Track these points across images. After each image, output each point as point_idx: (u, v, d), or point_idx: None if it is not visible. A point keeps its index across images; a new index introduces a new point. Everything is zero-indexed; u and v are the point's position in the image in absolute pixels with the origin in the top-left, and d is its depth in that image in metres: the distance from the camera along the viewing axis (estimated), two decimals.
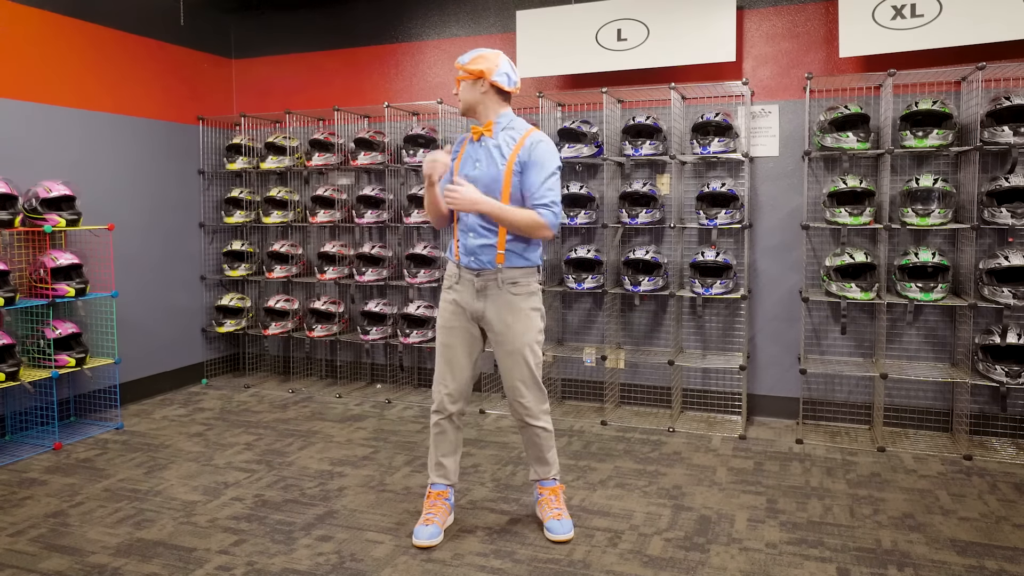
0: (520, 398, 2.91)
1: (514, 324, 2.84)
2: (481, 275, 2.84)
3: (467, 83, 2.86)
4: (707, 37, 4.41)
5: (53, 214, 4.12)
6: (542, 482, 3.05)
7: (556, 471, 3.05)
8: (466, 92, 2.86)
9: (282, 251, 5.38)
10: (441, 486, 3.00)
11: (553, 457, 3.02)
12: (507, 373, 2.90)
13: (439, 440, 2.98)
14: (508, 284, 2.83)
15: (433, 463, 3.01)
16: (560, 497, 3.03)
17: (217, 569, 2.72)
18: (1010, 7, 3.78)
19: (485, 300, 2.85)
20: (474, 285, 2.85)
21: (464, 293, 2.88)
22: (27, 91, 4.36)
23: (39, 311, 4.22)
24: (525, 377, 2.88)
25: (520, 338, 2.85)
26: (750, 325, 4.61)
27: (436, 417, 2.97)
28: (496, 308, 2.84)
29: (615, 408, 4.82)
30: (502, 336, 2.86)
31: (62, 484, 3.56)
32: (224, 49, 5.82)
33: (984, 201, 3.88)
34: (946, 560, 2.75)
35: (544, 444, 2.98)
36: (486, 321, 2.87)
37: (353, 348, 5.53)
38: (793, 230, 4.47)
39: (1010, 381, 3.72)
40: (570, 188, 4.66)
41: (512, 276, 2.84)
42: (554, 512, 2.97)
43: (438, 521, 2.93)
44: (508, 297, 2.83)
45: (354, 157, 5.13)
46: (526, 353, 2.86)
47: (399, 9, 5.34)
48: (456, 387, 2.92)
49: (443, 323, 2.94)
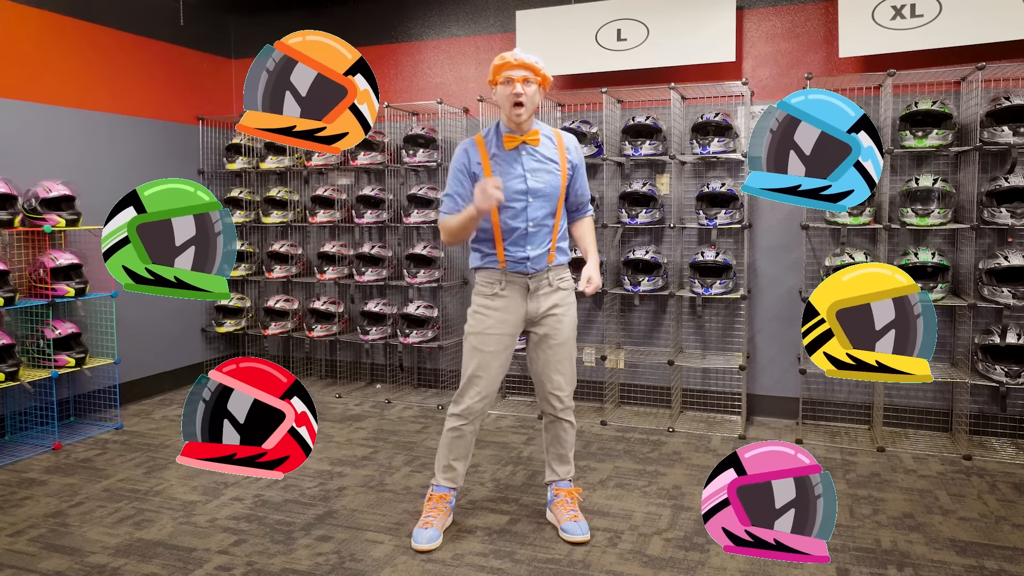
0: (558, 390, 2.91)
1: (563, 316, 2.87)
2: (534, 277, 2.82)
3: (536, 88, 2.71)
4: (707, 37, 4.41)
5: (53, 214, 4.12)
6: (559, 483, 3.04)
7: (573, 472, 3.06)
8: (536, 98, 2.72)
9: (282, 251, 5.38)
10: (445, 489, 2.97)
11: (572, 456, 3.04)
12: (551, 368, 2.89)
13: (455, 444, 2.92)
14: (557, 280, 2.87)
15: (443, 465, 2.95)
16: (576, 500, 3.04)
17: (217, 569, 2.72)
18: (1010, 7, 3.78)
19: (537, 300, 2.84)
20: (528, 287, 2.82)
21: (514, 297, 2.83)
22: (27, 91, 4.36)
23: (39, 311, 4.22)
24: (567, 369, 2.91)
25: (569, 329, 2.89)
26: (750, 325, 4.61)
27: (458, 422, 2.90)
28: (549, 304, 2.85)
29: (615, 408, 4.82)
30: (553, 330, 2.85)
31: (62, 484, 3.56)
32: (224, 49, 5.82)
33: (984, 201, 3.88)
34: (946, 560, 2.75)
35: (569, 441, 3.00)
36: (538, 320, 2.86)
37: (353, 348, 5.53)
38: (793, 230, 4.47)
39: (1010, 381, 3.72)
40: None
41: (559, 273, 2.89)
42: (571, 514, 2.96)
43: (437, 524, 2.91)
44: (559, 293, 2.87)
45: (354, 157, 5.13)
46: (571, 344, 2.91)
47: (399, 9, 5.34)
48: (489, 394, 2.88)
49: (483, 329, 2.84)
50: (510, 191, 2.74)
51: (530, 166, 2.77)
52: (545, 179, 2.78)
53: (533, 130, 2.79)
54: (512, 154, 2.77)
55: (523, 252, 2.79)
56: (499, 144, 2.79)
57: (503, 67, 2.70)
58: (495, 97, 2.78)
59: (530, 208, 2.77)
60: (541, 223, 2.80)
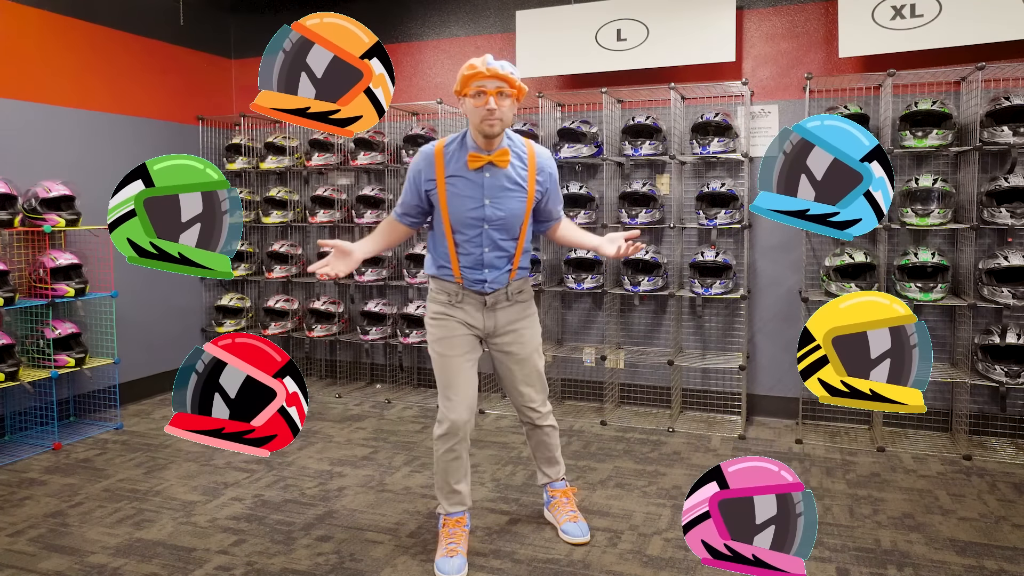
0: (530, 403, 2.85)
1: (524, 331, 2.78)
2: (492, 294, 2.71)
3: (512, 102, 2.51)
4: (707, 37, 4.41)
5: (53, 214, 4.12)
6: (552, 484, 3.02)
7: (564, 470, 3.04)
8: (510, 112, 2.51)
9: (282, 251, 5.38)
10: (459, 512, 2.79)
11: (561, 455, 3.02)
12: (517, 381, 2.82)
13: (452, 467, 2.72)
14: (515, 294, 2.75)
15: (446, 492, 2.76)
16: (572, 499, 3.02)
17: (217, 569, 2.72)
18: (1010, 7, 3.78)
19: (494, 315, 2.72)
20: (484, 303, 2.70)
21: (470, 309, 2.71)
22: (27, 91, 4.37)
23: (39, 311, 4.22)
24: (534, 381, 2.84)
25: (530, 343, 2.80)
26: (750, 325, 4.61)
27: (449, 442, 2.68)
28: (506, 319, 2.74)
29: (615, 408, 4.82)
30: (514, 345, 2.77)
31: (61, 484, 3.56)
32: (224, 49, 5.82)
33: (983, 201, 3.88)
34: (945, 560, 2.75)
35: (553, 443, 2.96)
36: (496, 335, 2.75)
37: (353, 348, 5.53)
38: (793, 230, 4.47)
39: (1009, 381, 3.72)
40: (570, 188, 4.66)
41: (518, 286, 2.77)
42: (569, 515, 2.93)
43: (461, 550, 2.70)
44: (516, 307, 2.77)
45: (354, 157, 5.13)
46: (535, 358, 2.82)
47: (399, 9, 5.34)
48: (469, 402, 2.70)
49: (441, 335, 2.71)
50: (467, 217, 2.57)
51: (491, 191, 2.57)
52: (507, 206, 2.59)
53: (502, 149, 2.55)
54: (474, 175, 2.56)
55: (480, 275, 2.65)
56: (461, 162, 2.57)
57: (473, 77, 2.44)
58: (463, 109, 2.56)
59: (485, 235, 2.61)
60: (499, 248, 2.64)
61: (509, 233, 2.65)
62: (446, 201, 2.59)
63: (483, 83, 2.44)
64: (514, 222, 2.63)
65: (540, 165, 2.66)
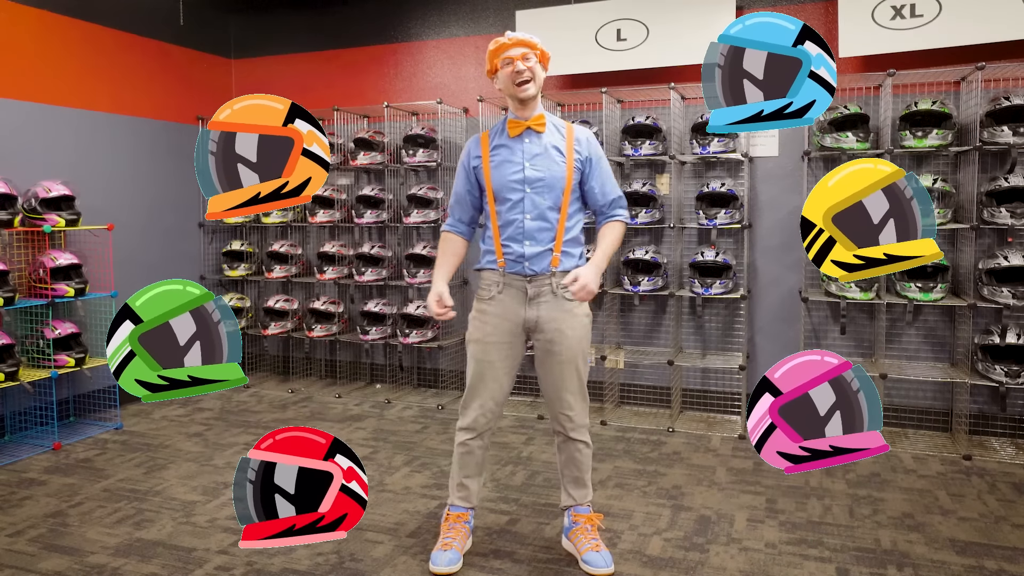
0: (567, 410, 2.69)
1: (569, 332, 2.63)
2: (534, 281, 2.62)
3: (538, 63, 2.60)
4: (707, 37, 4.35)
5: (52, 214, 4.12)
6: (576, 508, 2.79)
7: (591, 496, 2.82)
8: (540, 73, 2.60)
9: (281, 251, 5.38)
10: (461, 508, 2.79)
11: (590, 479, 2.81)
12: (555, 384, 2.68)
13: (465, 460, 2.74)
14: (563, 289, 2.61)
15: (455, 484, 2.78)
16: (595, 527, 2.78)
17: (217, 569, 2.72)
18: (1010, 7, 3.78)
19: (537, 308, 2.62)
20: (526, 292, 2.62)
21: (511, 302, 2.64)
22: (27, 91, 4.36)
23: (38, 311, 4.22)
24: (575, 388, 2.68)
25: (575, 347, 2.65)
26: (750, 325, 4.61)
27: (465, 436, 2.72)
28: (551, 315, 2.62)
29: (615, 408, 4.82)
30: (556, 345, 2.63)
31: (61, 484, 3.56)
32: (224, 49, 5.82)
33: (983, 201, 3.88)
34: (945, 560, 2.75)
35: (584, 463, 2.77)
36: (538, 330, 2.64)
37: (352, 348, 5.53)
38: (793, 230, 4.47)
39: (1009, 381, 3.72)
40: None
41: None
42: (592, 543, 2.70)
43: (457, 546, 2.71)
44: (564, 303, 2.63)
45: (353, 157, 5.13)
46: (579, 363, 2.67)
47: (399, 9, 5.34)
48: (494, 406, 2.68)
49: (481, 336, 2.67)
50: (508, 181, 2.62)
51: (531, 153, 2.63)
52: (545, 166, 2.61)
53: (539, 114, 2.64)
54: (515, 141, 2.65)
55: (520, 248, 2.61)
56: (504, 135, 2.68)
57: (500, 49, 2.59)
58: (497, 85, 2.65)
59: (527, 199, 2.61)
60: (540, 216, 2.60)
61: (551, 200, 2.63)
62: (489, 171, 2.67)
63: (510, 51, 2.58)
64: (556, 185, 2.63)
65: (578, 137, 2.70)
